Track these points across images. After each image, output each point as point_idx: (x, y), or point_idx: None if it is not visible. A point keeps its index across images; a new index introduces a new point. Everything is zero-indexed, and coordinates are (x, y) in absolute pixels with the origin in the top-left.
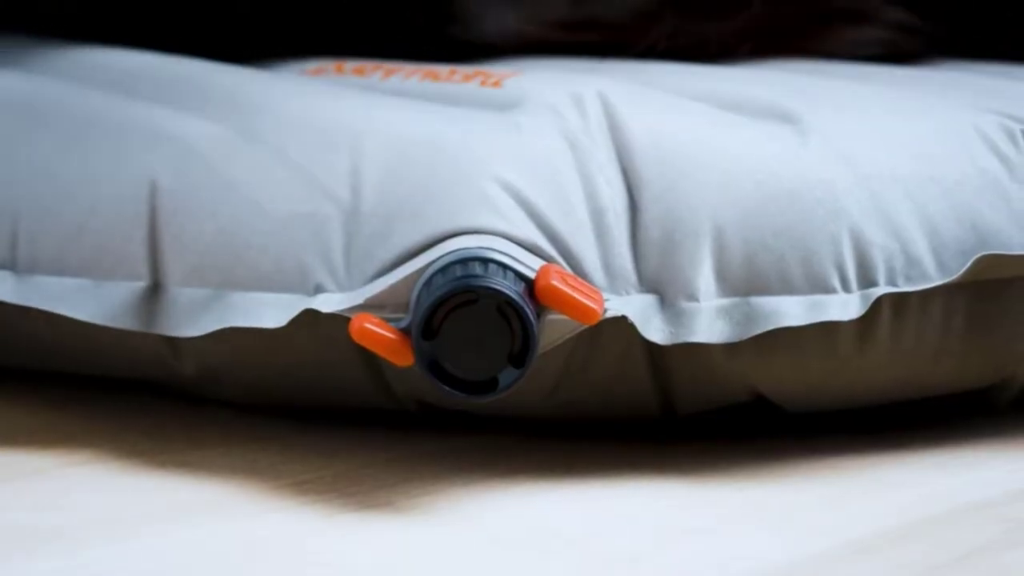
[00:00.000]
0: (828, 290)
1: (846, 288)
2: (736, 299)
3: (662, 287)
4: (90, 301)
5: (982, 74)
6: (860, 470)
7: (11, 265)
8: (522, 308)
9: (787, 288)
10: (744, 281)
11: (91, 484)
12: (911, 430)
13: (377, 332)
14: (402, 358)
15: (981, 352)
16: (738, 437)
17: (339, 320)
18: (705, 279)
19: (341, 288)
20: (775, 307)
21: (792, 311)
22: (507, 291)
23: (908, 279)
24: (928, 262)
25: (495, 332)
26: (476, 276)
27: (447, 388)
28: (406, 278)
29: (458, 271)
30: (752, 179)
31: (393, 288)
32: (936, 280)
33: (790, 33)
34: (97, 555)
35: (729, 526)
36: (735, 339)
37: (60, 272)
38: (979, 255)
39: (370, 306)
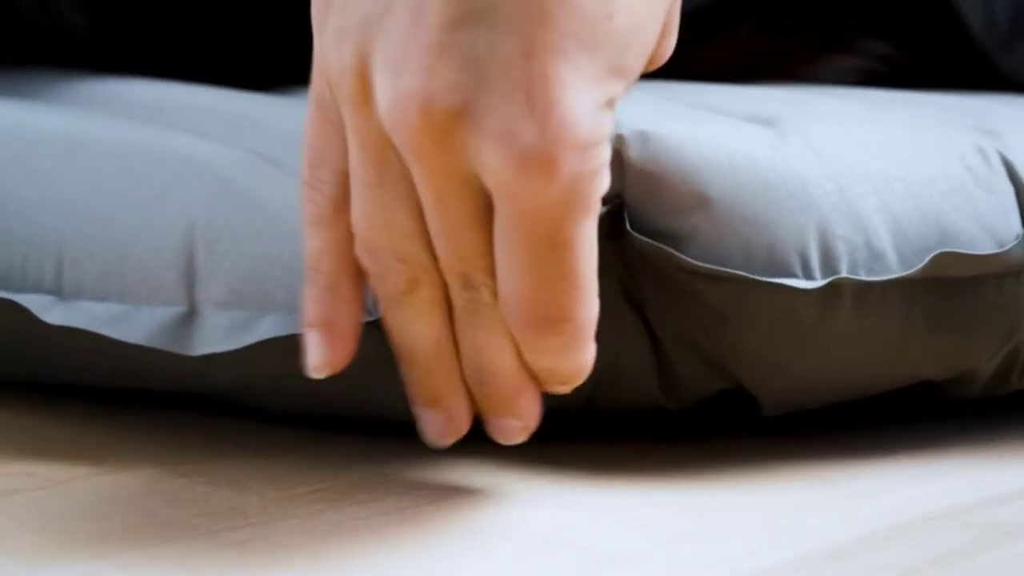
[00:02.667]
0: (790, 276)
1: (808, 276)
2: None
3: None
4: (131, 325)
5: (953, 97)
6: (839, 478)
7: (57, 291)
8: None
9: (750, 270)
10: (712, 258)
11: (118, 493)
12: (887, 441)
13: None
14: None
15: (941, 345)
16: (726, 444)
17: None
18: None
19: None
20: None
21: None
22: None
23: (870, 271)
24: (891, 256)
25: None
26: None
27: None
28: None
29: None
30: (730, 163)
31: None
32: (896, 273)
33: (776, 59)
34: (124, 561)
35: (714, 530)
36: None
37: (103, 298)
38: (937, 252)
39: None
